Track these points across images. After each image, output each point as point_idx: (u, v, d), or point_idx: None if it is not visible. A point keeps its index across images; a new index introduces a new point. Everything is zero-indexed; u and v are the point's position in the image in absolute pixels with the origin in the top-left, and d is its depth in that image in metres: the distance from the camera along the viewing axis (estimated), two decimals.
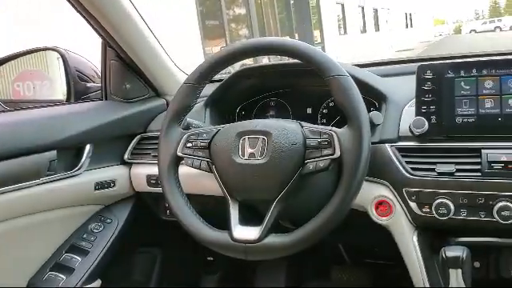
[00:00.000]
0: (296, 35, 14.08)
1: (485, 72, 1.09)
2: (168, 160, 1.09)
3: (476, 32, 42.76)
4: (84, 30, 1.49)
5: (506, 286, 1.15)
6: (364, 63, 1.54)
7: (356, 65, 1.37)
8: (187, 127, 1.18)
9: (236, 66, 1.35)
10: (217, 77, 1.24)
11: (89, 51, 1.75)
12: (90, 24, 1.43)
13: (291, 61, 1.08)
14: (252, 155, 1.01)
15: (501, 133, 1.06)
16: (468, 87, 1.09)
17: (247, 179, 1.01)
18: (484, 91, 1.08)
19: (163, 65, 1.59)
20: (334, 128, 1.00)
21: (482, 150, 1.04)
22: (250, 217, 1.05)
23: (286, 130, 1.01)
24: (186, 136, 1.09)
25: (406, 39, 24.85)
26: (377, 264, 1.72)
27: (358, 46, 17.01)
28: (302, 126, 1.03)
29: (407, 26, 31.21)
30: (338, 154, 0.96)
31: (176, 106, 1.12)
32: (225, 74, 1.42)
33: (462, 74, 1.10)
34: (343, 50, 14.88)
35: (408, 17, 31.59)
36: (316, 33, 15.35)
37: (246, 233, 0.99)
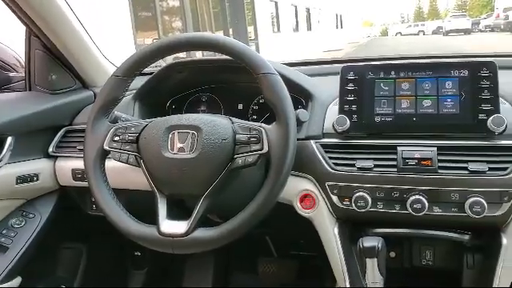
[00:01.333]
0: (230, 30, 14.10)
1: (402, 74, 1.16)
2: (94, 153, 1.07)
3: (401, 35, 44.87)
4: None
5: (417, 273, 1.24)
6: (293, 62, 1.59)
7: (285, 63, 1.41)
8: (115, 120, 1.16)
9: (169, 59, 1.34)
10: (148, 69, 1.23)
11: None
12: (13, 11, 1.36)
13: (224, 57, 1.09)
14: (181, 150, 1.01)
15: (415, 131, 1.14)
16: (387, 88, 1.17)
17: (176, 174, 1.01)
18: (401, 92, 1.16)
19: (91, 56, 1.55)
20: (263, 124, 1.03)
21: (398, 147, 1.11)
22: (178, 211, 1.06)
23: (217, 125, 1.03)
24: (113, 129, 1.08)
25: (336, 39, 25.63)
26: (302, 255, 1.79)
27: (291, 44, 17.33)
28: (233, 122, 1.05)
29: (337, 27, 32.18)
30: (266, 149, 0.99)
31: (103, 99, 1.10)
32: (156, 66, 1.41)
33: (382, 75, 1.17)
34: (277, 47, 15.09)
35: (338, 18, 32.58)
36: (250, 29, 15.45)
37: (173, 227, 1.00)
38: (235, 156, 1.00)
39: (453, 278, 1.19)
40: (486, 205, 1.03)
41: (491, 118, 1.07)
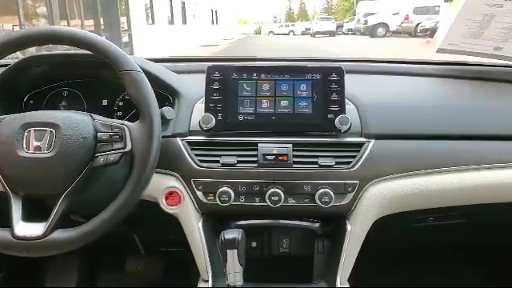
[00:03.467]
0: (101, 19, 13.44)
1: (263, 76, 1.24)
2: None
3: (274, 34, 46.75)
4: None
5: (276, 260, 1.33)
6: (159, 58, 1.58)
7: (151, 59, 1.40)
8: None
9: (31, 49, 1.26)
10: (2, 61, 1.16)
11: None
12: None
13: (86, 51, 1.07)
14: (38, 148, 0.97)
15: (274, 129, 1.22)
16: (249, 89, 1.23)
17: (32, 174, 0.97)
18: (262, 93, 1.23)
19: None
20: (126, 122, 1.03)
21: (259, 144, 1.19)
22: (36, 213, 1.01)
23: (76, 122, 1.00)
24: None
25: (212, 35, 25.84)
26: (170, 251, 1.80)
27: (166, 36, 17.09)
28: (94, 119, 1.03)
29: (213, 23, 32.44)
30: (129, 147, 0.99)
31: None
32: (13, 58, 1.31)
33: (245, 76, 1.24)
34: (151, 39, 14.78)
35: (214, 13, 32.85)
36: (123, 19, 14.90)
37: (29, 229, 0.95)
38: (96, 154, 0.99)
39: (306, 263, 1.31)
40: (333, 195, 1.15)
41: (338, 117, 1.19)
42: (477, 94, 1.44)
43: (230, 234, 1.10)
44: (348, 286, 1.23)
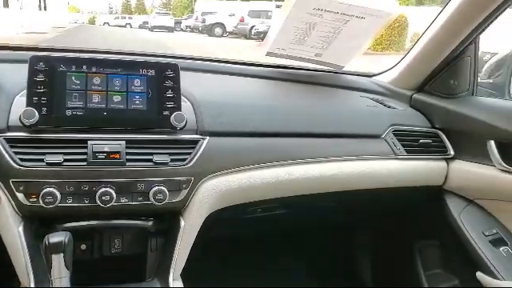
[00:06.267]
0: None
1: (94, 69, 1.18)
2: None
3: (109, 25, 44.67)
4: None
5: (108, 262, 1.28)
6: None
7: None
8: None
9: None
10: None
11: None
12: None
13: None
14: None
15: (105, 125, 1.17)
16: (78, 82, 1.16)
17: None
18: (92, 87, 1.17)
19: None
20: None
21: (89, 141, 1.13)
22: None
23: None
24: None
25: (39, 21, 23.69)
26: None
27: None
28: None
29: (41, 9, 29.78)
30: None
31: None
32: None
33: (74, 69, 1.16)
34: None
35: None
36: None
37: None
38: None
39: (140, 262, 1.28)
40: (167, 192, 1.15)
41: (174, 114, 1.19)
42: (302, 96, 1.58)
43: (55, 238, 1.02)
44: (180, 281, 1.24)
